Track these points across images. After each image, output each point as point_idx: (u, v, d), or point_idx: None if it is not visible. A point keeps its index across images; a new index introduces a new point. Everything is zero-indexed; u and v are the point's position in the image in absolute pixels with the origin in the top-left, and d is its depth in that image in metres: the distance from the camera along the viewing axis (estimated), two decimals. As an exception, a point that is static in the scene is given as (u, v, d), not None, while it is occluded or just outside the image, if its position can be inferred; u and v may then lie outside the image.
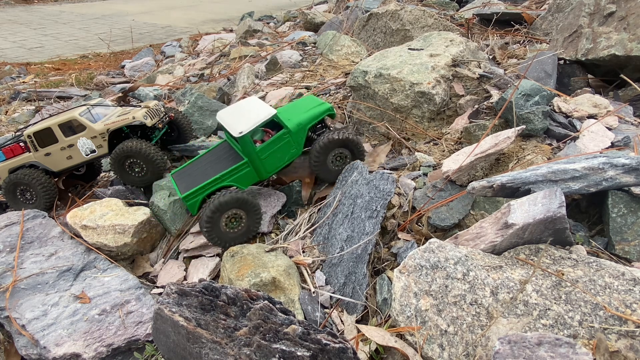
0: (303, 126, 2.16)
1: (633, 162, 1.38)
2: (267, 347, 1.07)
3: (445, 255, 1.32)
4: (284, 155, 2.14)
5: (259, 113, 2.04)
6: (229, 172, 2.03)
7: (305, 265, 1.82)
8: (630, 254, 1.37)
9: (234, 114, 2.09)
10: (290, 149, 2.15)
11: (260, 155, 2.05)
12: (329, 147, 2.11)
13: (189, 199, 2.01)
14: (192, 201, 2.02)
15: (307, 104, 2.31)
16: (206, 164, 2.16)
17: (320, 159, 2.13)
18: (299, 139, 2.17)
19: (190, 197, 2.01)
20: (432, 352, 1.19)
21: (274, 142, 2.09)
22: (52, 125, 2.38)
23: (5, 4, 13.20)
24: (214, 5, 12.73)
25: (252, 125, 1.97)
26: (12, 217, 2.21)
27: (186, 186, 2.06)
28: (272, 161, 2.11)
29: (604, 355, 1.03)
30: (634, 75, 2.25)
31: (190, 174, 2.15)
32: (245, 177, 2.08)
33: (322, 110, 2.23)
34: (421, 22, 3.67)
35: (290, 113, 2.24)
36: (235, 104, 2.21)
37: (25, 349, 1.69)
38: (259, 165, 2.07)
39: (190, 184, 2.06)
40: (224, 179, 2.03)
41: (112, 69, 6.35)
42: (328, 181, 2.24)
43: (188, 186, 2.05)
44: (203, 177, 2.06)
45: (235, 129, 1.96)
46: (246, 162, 2.04)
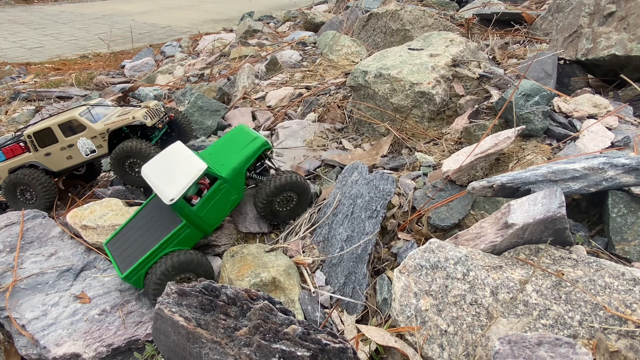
0: (239, 170, 1.97)
1: (633, 162, 1.38)
2: (267, 347, 1.07)
3: (445, 255, 1.32)
4: (225, 205, 1.96)
5: (188, 171, 1.82)
6: (168, 239, 1.82)
7: (305, 265, 1.82)
8: (630, 254, 1.37)
9: (162, 173, 1.88)
10: (230, 196, 1.97)
11: (198, 213, 1.85)
12: (276, 193, 1.98)
13: (131, 277, 1.80)
14: (135, 277, 1.81)
15: (239, 140, 2.10)
16: (141, 229, 1.93)
17: (267, 206, 2.01)
18: (238, 184, 1.99)
19: (132, 275, 1.80)
20: (432, 352, 1.19)
21: (212, 196, 1.89)
22: (52, 125, 2.38)
23: (5, 4, 13.20)
24: (214, 5, 12.73)
25: (182, 190, 1.77)
26: (12, 217, 2.21)
27: (124, 261, 1.85)
28: (213, 215, 1.92)
29: (604, 355, 1.03)
30: (634, 75, 2.26)
31: (125, 243, 1.92)
32: (188, 239, 1.88)
33: (256, 148, 2.04)
34: (421, 22, 3.67)
35: (222, 156, 2.04)
36: (161, 156, 1.97)
37: (25, 349, 1.69)
38: (200, 224, 1.87)
39: (128, 259, 1.85)
40: (164, 247, 1.82)
41: (112, 69, 6.35)
42: (273, 222, 2.12)
43: (126, 261, 1.84)
44: (141, 249, 1.84)
45: (165, 195, 1.77)
46: (185, 225, 1.84)
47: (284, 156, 2.57)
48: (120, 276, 1.82)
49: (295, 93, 3.38)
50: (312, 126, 2.83)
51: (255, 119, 3.22)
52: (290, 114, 3.13)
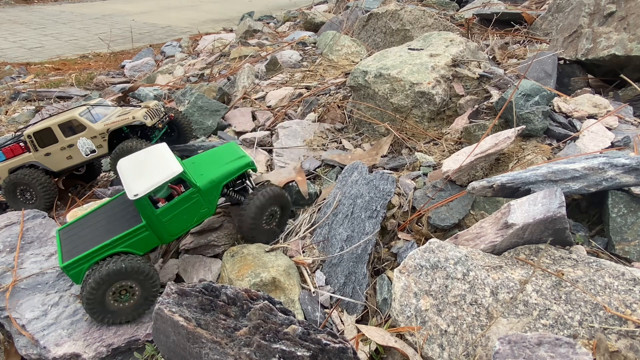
0: (216, 184, 1.88)
1: (633, 162, 1.38)
2: (267, 347, 1.07)
3: (445, 255, 1.32)
4: (192, 216, 1.84)
5: (162, 171, 1.73)
6: (122, 237, 1.69)
7: (305, 265, 1.82)
8: (630, 254, 1.37)
9: (136, 169, 1.79)
10: (200, 208, 1.86)
11: (161, 218, 1.75)
12: (266, 206, 1.89)
13: (70, 269, 1.65)
14: (75, 271, 1.66)
15: (226, 156, 2.04)
16: (100, 222, 1.81)
17: (255, 223, 1.89)
18: (212, 198, 1.88)
19: (72, 268, 1.65)
20: (432, 352, 1.19)
21: (180, 203, 1.79)
22: (52, 125, 2.38)
23: (5, 4, 13.20)
24: (214, 5, 12.73)
25: (149, 188, 1.66)
26: (12, 217, 2.21)
27: (70, 251, 1.70)
28: (176, 224, 1.80)
29: (604, 355, 1.03)
30: (634, 75, 2.26)
31: (79, 234, 1.78)
32: (142, 243, 1.75)
33: (240, 165, 1.97)
34: (421, 22, 3.67)
35: (204, 166, 1.97)
36: (141, 154, 1.89)
37: (25, 349, 1.69)
38: (160, 229, 1.77)
39: (74, 249, 1.71)
40: (115, 245, 1.69)
41: (112, 69, 6.35)
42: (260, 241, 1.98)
43: (71, 252, 1.70)
44: (91, 242, 1.71)
45: (130, 189, 1.67)
46: (144, 226, 1.72)
47: (283, 156, 2.57)
48: (60, 265, 1.65)
49: (295, 93, 3.38)
50: (312, 126, 2.83)
51: (255, 119, 3.22)
52: (290, 114, 3.13)
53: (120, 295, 1.69)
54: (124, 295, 1.70)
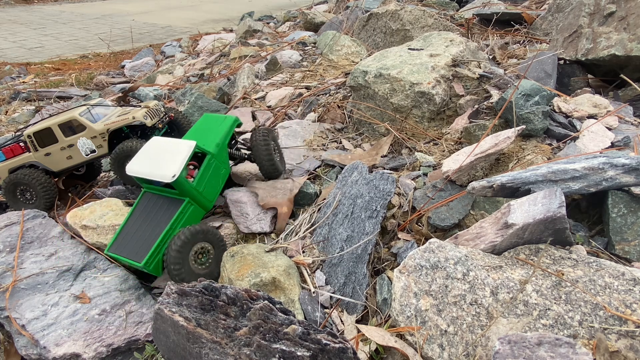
0: (222, 145, 2.14)
1: (633, 162, 1.38)
2: (267, 347, 1.07)
3: (445, 255, 1.32)
4: (218, 180, 2.10)
5: (179, 150, 1.92)
6: (177, 218, 1.88)
7: (305, 265, 1.82)
8: (630, 254, 1.37)
9: (152, 162, 1.92)
10: (220, 171, 2.11)
11: (198, 188, 1.96)
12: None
13: (150, 263, 1.80)
14: (154, 264, 1.82)
15: (211, 123, 2.27)
16: (140, 226, 1.94)
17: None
18: (224, 159, 2.15)
19: (151, 262, 1.81)
20: (432, 352, 1.19)
21: (205, 171, 2.02)
22: (52, 125, 2.38)
23: (5, 4, 13.20)
24: (214, 5, 12.73)
25: (181, 165, 1.85)
26: (12, 217, 2.21)
27: (137, 254, 1.84)
28: (210, 190, 2.04)
29: (604, 355, 1.03)
30: (634, 75, 2.26)
31: (130, 242, 1.91)
32: (193, 216, 1.97)
33: (230, 124, 2.24)
34: (421, 22, 3.67)
35: (201, 137, 2.17)
36: (143, 152, 1.99)
37: (25, 349, 1.69)
38: (201, 199, 1.98)
39: (140, 250, 1.84)
40: (174, 227, 1.88)
41: (112, 69, 6.35)
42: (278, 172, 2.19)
43: (140, 252, 1.83)
44: (150, 238, 1.86)
45: (165, 175, 1.83)
46: (188, 202, 1.93)
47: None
48: (139, 265, 1.80)
49: (295, 93, 3.38)
50: (312, 126, 2.83)
51: (255, 119, 3.22)
52: (290, 114, 3.13)
53: (201, 258, 1.85)
54: (204, 257, 1.86)
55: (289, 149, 2.62)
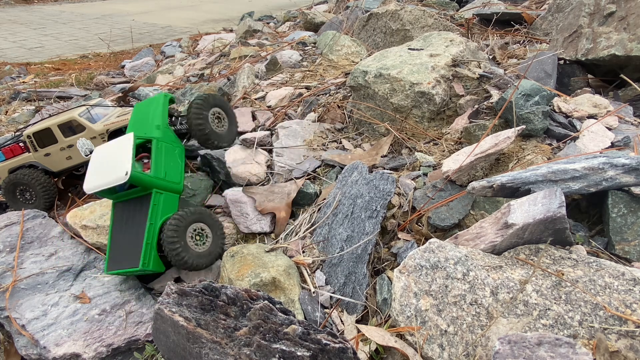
0: (162, 126, 2.05)
1: (633, 162, 1.38)
2: (267, 347, 1.07)
3: (445, 255, 1.32)
4: (176, 160, 2.02)
5: (121, 147, 1.86)
6: (152, 212, 1.85)
7: (305, 265, 1.82)
8: (630, 254, 1.37)
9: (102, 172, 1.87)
10: (174, 151, 2.04)
11: (158, 175, 1.90)
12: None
13: (147, 263, 1.80)
14: (152, 262, 1.81)
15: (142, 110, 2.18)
16: (123, 235, 1.92)
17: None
18: (172, 138, 2.07)
19: (148, 261, 1.80)
20: (432, 352, 1.19)
21: (158, 156, 1.94)
22: (51, 126, 2.38)
23: (5, 4, 13.20)
24: (214, 5, 12.73)
25: (128, 160, 1.79)
26: (12, 217, 2.21)
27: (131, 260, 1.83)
28: (172, 172, 1.97)
29: (604, 355, 1.03)
30: (634, 75, 2.25)
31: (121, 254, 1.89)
32: (168, 204, 1.92)
33: (161, 102, 2.14)
34: (421, 22, 3.67)
35: (139, 126, 2.09)
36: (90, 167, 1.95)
37: (25, 349, 1.69)
38: (167, 184, 1.92)
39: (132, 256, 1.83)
40: (154, 221, 1.85)
41: (112, 69, 6.35)
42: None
43: (133, 259, 1.82)
44: (137, 240, 1.84)
45: (118, 176, 1.77)
46: (156, 192, 1.88)
47: (283, 156, 2.57)
48: (138, 269, 1.79)
49: (295, 93, 3.38)
50: (312, 126, 2.83)
51: (255, 119, 3.22)
52: (290, 114, 3.13)
53: (198, 238, 1.86)
54: (201, 238, 1.87)
55: (289, 149, 2.62)
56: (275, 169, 2.51)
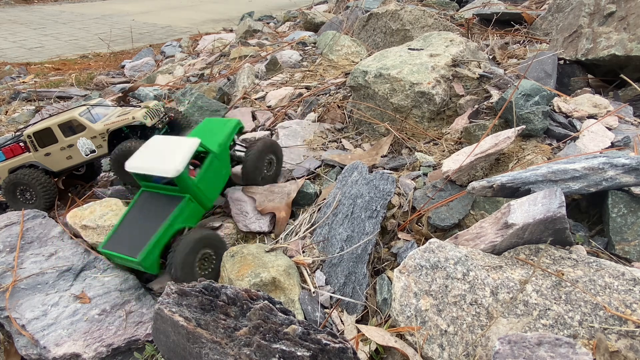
0: (224, 146, 2.17)
1: (633, 162, 1.38)
2: (267, 347, 1.07)
3: (445, 255, 1.32)
4: (219, 179, 2.11)
5: (183, 146, 1.90)
6: (176, 214, 1.86)
7: (305, 265, 1.82)
8: (630, 254, 1.37)
9: (153, 158, 1.89)
10: (222, 171, 2.13)
11: (200, 185, 1.96)
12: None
13: (146, 259, 1.76)
14: (150, 261, 1.78)
15: (213, 126, 2.31)
16: (137, 223, 1.90)
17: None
18: (225, 160, 2.17)
19: (147, 258, 1.76)
20: (432, 352, 1.19)
21: (207, 169, 2.02)
22: (52, 125, 2.38)
23: (5, 4, 13.20)
24: (214, 5, 12.73)
25: (185, 160, 1.83)
26: (12, 217, 2.21)
27: (132, 249, 1.79)
28: (211, 188, 2.05)
29: (604, 355, 1.03)
30: (634, 75, 2.26)
31: (125, 239, 1.86)
32: (193, 214, 1.94)
33: (234, 126, 2.29)
34: (421, 22, 3.67)
35: (204, 137, 2.17)
36: (145, 148, 1.97)
37: (25, 349, 1.69)
38: (202, 197, 1.97)
39: (136, 246, 1.79)
40: (173, 223, 1.84)
41: (112, 69, 6.35)
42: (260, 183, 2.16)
43: (135, 248, 1.78)
44: (147, 233, 1.81)
45: (168, 169, 1.80)
46: (189, 199, 1.91)
47: (283, 156, 2.57)
48: (134, 260, 1.74)
49: (295, 93, 3.38)
50: (312, 126, 2.83)
51: (255, 119, 3.22)
52: (290, 114, 3.13)
53: (205, 263, 1.86)
54: (207, 263, 1.87)
55: (289, 148, 2.62)
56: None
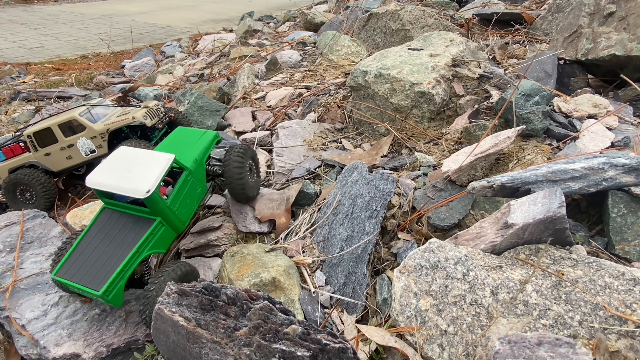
0: (200, 162, 1.97)
1: (633, 162, 1.38)
2: (267, 347, 1.07)
3: (445, 255, 1.32)
4: (193, 199, 1.89)
5: (155, 162, 1.68)
6: (145, 240, 1.65)
7: (305, 265, 1.82)
8: (630, 254, 1.37)
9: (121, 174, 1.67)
10: (196, 189, 1.91)
11: (172, 207, 1.74)
12: (243, 161, 1.77)
13: (109, 292, 1.56)
14: (114, 293, 1.57)
15: (188, 137, 2.10)
16: (97, 247, 1.68)
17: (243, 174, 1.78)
18: (201, 177, 1.96)
19: (111, 290, 1.56)
20: (432, 352, 1.19)
21: (181, 189, 1.80)
22: (52, 125, 2.38)
23: (5, 4, 13.19)
24: (214, 5, 12.73)
25: (157, 179, 1.62)
26: (12, 217, 2.21)
27: (93, 280, 1.59)
28: (184, 209, 1.83)
29: (604, 355, 1.03)
30: (634, 75, 2.26)
31: (83, 266, 1.64)
32: (163, 239, 1.74)
33: (211, 139, 2.08)
34: (421, 22, 3.67)
35: (177, 151, 1.98)
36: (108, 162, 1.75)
37: (25, 349, 1.69)
38: (173, 219, 1.76)
39: (97, 276, 1.59)
40: (141, 250, 1.64)
41: (112, 69, 6.35)
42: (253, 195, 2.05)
43: (97, 280, 1.58)
44: (111, 262, 1.61)
45: (137, 189, 1.59)
46: (160, 222, 1.70)
47: (283, 156, 2.57)
48: (96, 293, 1.54)
49: (295, 93, 3.38)
50: (312, 126, 2.83)
51: (255, 119, 3.22)
52: (290, 114, 3.13)
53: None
54: None
55: (289, 148, 2.62)
56: (276, 169, 2.51)
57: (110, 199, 1.76)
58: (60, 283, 1.68)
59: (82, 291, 1.61)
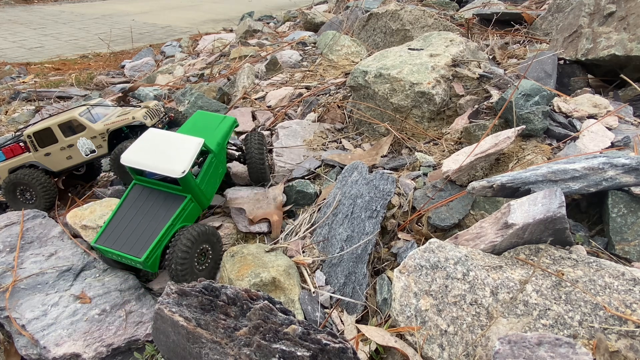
0: (222, 146, 2.17)
1: (633, 162, 1.38)
2: (267, 347, 1.07)
3: (445, 255, 1.32)
4: (216, 179, 2.12)
5: (187, 146, 1.87)
6: (178, 215, 1.85)
7: (305, 265, 1.82)
8: (630, 254, 1.37)
9: (155, 154, 1.85)
10: (218, 170, 2.13)
11: (200, 186, 1.95)
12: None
13: (149, 259, 1.76)
14: (152, 260, 1.78)
15: (208, 122, 2.28)
16: (133, 219, 1.87)
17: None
18: (223, 158, 2.18)
19: (150, 258, 1.76)
20: (432, 352, 1.19)
21: (207, 169, 2.02)
22: (52, 125, 2.38)
23: (5, 4, 13.19)
24: (214, 5, 12.73)
25: (190, 161, 1.81)
26: (12, 217, 2.21)
27: (134, 248, 1.78)
28: (209, 188, 2.05)
29: (604, 355, 1.03)
30: (634, 75, 2.26)
31: (122, 235, 1.83)
32: (192, 213, 1.95)
33: (230, 124, 2.28)
34: (421, 22, 3.67)
35: (202, 134, 2.15)
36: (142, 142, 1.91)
37: (25, 349, 1.69)
38: (201, 197, 1.96)
39: (137, 245, 1.79)
40: (175, 223, 1.84)
41: (112, 69, 6.35)
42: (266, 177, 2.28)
43: (137, 247, 1.78)
44: (149, 233, 1.81)
45: (173, 169, 1.78)
46: (190, 199, 1.90)
47: (283, 156, 2.57)
48: (138, 260, 1.74)
49: (295, 93, 3.38)
50: (312, 126, 2.83)
51: (255, 119, 3.22)
52: (290, 114, 3.13)
53: (202, 258, 1.86)
54: (203, 258, 1.87)
55: (289, 148, 2.62)
56: (276, 169, 2.51)
57: (141, 175, 1.96)
58: (99, 250, 1.84)
59: (122, 258, 1.79)
